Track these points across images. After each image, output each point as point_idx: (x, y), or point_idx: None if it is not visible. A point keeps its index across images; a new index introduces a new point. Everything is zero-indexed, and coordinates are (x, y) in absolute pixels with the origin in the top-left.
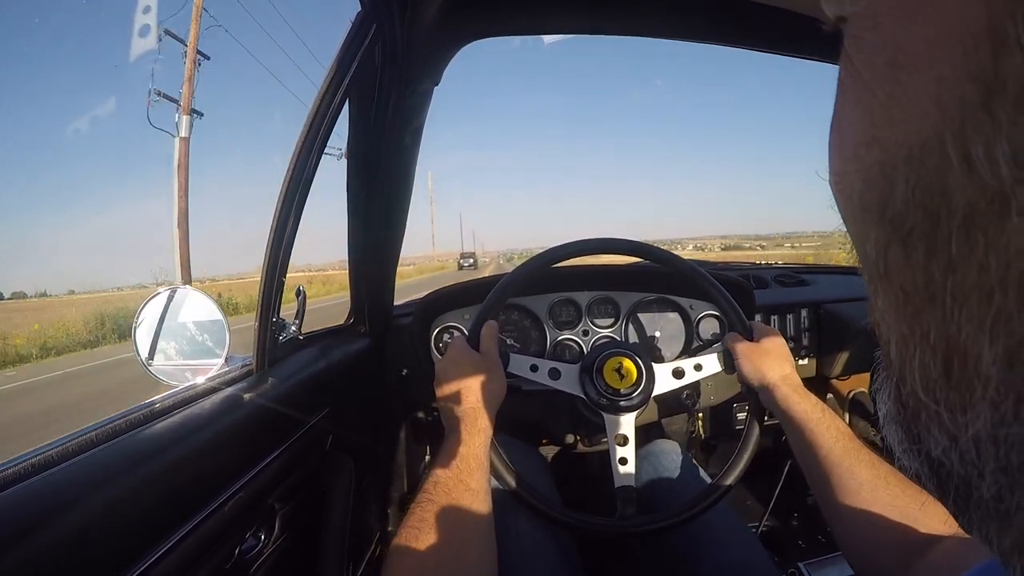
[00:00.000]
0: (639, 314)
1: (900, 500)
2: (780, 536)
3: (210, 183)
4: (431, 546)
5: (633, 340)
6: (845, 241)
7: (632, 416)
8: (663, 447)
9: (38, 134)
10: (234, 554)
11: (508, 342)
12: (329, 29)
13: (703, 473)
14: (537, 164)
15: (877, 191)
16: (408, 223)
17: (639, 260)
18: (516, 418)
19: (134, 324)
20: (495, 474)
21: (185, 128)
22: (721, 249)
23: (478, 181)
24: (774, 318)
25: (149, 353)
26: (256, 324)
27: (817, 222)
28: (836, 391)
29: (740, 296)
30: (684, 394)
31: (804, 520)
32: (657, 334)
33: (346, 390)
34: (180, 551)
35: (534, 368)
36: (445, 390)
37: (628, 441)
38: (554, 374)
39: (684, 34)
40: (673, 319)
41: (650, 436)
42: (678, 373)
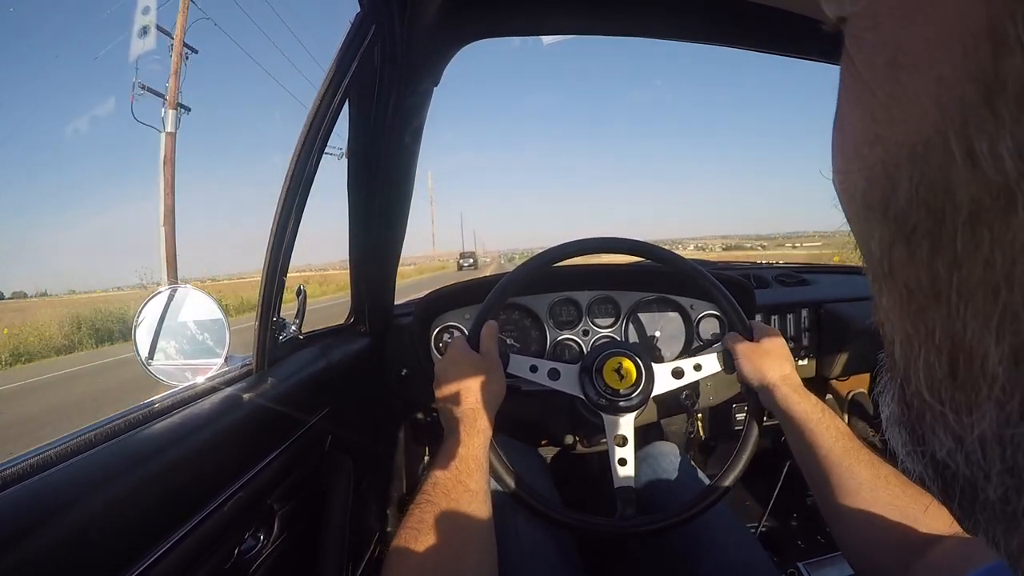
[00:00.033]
0: (639, 314)
1: (900, 500)
2: (779, 536)
3: (210, 183)
4: (430, 548)
5: (633, 340)
6: (847, 241)
7: (631, 416)
8: (662, 449)
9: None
10: (233, 554)
11: (508, 342)
12: (329, 29)
13: (701, 474)
14: (538, 164)
15: (880, 189)
16: (409, 223)
17: (639, 260)
18: (516, 418)
19: (134, 323)
20: (494, 475)
21: (171, 123)
22: (722, 249)
23: (479, 181)
24: (774, 318)
25: (149, 352)
26: (256, 324)
27: (818, 222)
28: (836, 392)
29: (740, 296)
30: (683, 394)
31: (803, 520)
32: (657, 334)
33: (346, 390)
34: (180, 551)
35: (534, 369)
36: (444, 391)
37: (627, 441)
38: (553, 374)
39: (684, 34)
40: (673, 319)
41: (649, 437)
42: (677, 373)
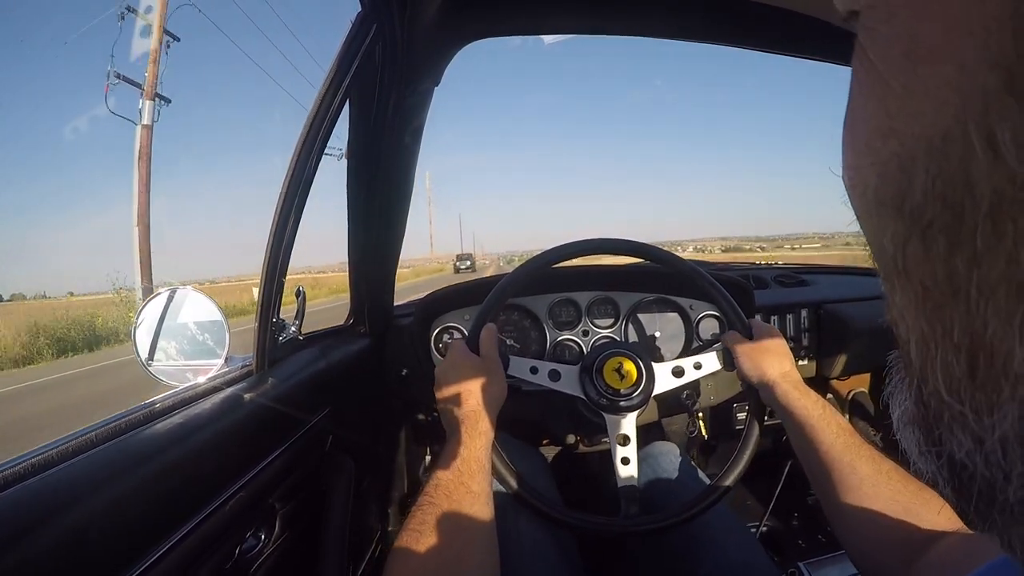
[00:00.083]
0: (639, 314)
1: (902, 495)
2: (780, 536)
3: (210, 183)
4: (432, 549)
5: (633, 340)
6: (851, 241)
7: (633, 416)
8: (662, 448)
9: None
10: (234, 554)
11: (508, 343)
12: (329, 29)
13: (702, 474)
14: (537, 165)
15: (894, 184)
16: (407, 224)
17: (639, 260)
18: (516, 418)
19: (134, 324)
20: (497, 475)
21: (148, 115)
22: (721, 251)
23: (478, 182)
24: (774, 318)
25: (149, 353)
26: (256, 324)
27: (817, 223)
28: (836, 391)
29: (740, 296)
30: (684, 394)
31: (804, 520)
32: (657, 334)
33: (346, 390)
34: (180, 551)
35: (534, 370)
36: (445, 393)
37: (629, 441)
38: (554, 375)
39: (684, 34)
40: (673, 319)
41: (650, 437)
42: (678, 372)
